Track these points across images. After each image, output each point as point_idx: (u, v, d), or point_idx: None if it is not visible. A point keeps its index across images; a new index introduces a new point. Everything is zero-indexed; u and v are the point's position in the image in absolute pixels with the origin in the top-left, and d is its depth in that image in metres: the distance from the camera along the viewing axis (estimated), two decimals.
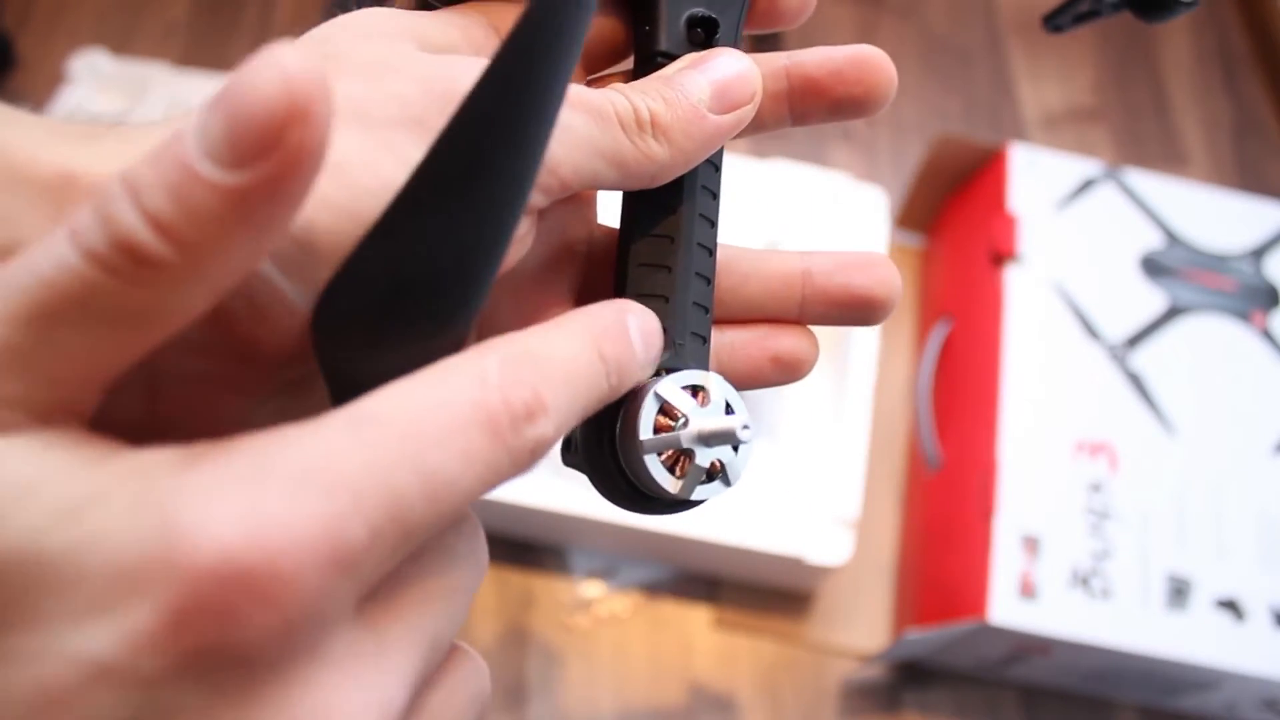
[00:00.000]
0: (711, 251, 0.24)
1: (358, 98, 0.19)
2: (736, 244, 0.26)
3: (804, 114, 0.25)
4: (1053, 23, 0.38)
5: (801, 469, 0.77)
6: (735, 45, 0.24)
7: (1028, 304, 0.73)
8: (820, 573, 0.70)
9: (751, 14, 0.25)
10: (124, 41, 0.93)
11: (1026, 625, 0.63)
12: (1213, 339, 0.73)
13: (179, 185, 0.14)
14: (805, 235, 0.77)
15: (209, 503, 0.14)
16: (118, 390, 0.17)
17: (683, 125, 0.22)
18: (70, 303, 0.15)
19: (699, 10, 0.24)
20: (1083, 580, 0.65)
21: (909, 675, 0.75)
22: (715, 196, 0.24)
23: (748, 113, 0.23)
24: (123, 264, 0.15)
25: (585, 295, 0.25)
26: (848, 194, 0.79)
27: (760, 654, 0.74)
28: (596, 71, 0.25)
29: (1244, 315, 0.74)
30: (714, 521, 0.67)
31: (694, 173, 0.23)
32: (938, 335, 0.80)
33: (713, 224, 0.24)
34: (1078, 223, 0.76)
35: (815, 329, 0.28)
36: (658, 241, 0.23)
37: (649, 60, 0.24)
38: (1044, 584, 0.64)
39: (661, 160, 0.22)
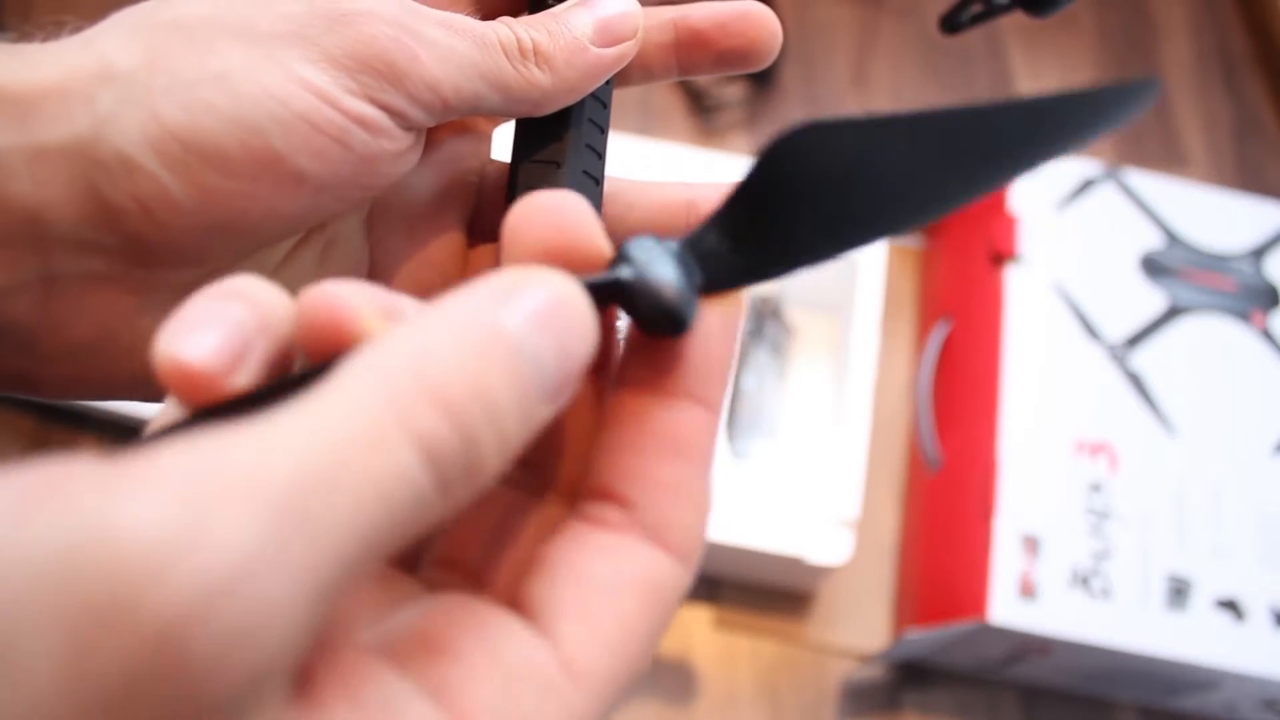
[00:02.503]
0: (598, 181, 0.25)
1: (247, 16, 0.21)
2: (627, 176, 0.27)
3: (691, 65, 0.26)
4: (949, 24, 0.38)
5: (801, 469, 0.77)
6: None
7: (1028, 304, 0.73)
8: (820, 573, 0.70)
9: None
10: None
11: (1026, 625, 0.63)
12: (1213, 339, 0.73)
13: (527, 421, 0.15)
14: None
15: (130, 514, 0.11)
16: (12, 292, 0.19)
17: (565, 55, 0.23)
18: (399, 526, 0.13)
19: None
20: (1083, 580, 0.65)
21: (909, 675, 0.75)
22: (603, 131, 0.26)
23: (629, 48, 0.24)
24: (461, 489, 0.14)
25: (477, 228, 0.27)
26: None
27: (760, 654, 0.74)
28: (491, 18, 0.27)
29: (1244, 315, 0.74)
30: (714, 521, 0.67)
31: (581, 105, 0.25)
32: (938, 335, 0.80)
33: (600, 156, 0.26)
34: (1078, 223, 0.76)
35: (814, 330, 0.28)
36: (544, 168, 0.25)
37: (540, 5, 0.25)
38: (1044, 584, 0.64)
39: (544, 86, 0.23)
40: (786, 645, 0.75)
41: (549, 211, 0.17)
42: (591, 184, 0.25)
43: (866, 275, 0.75)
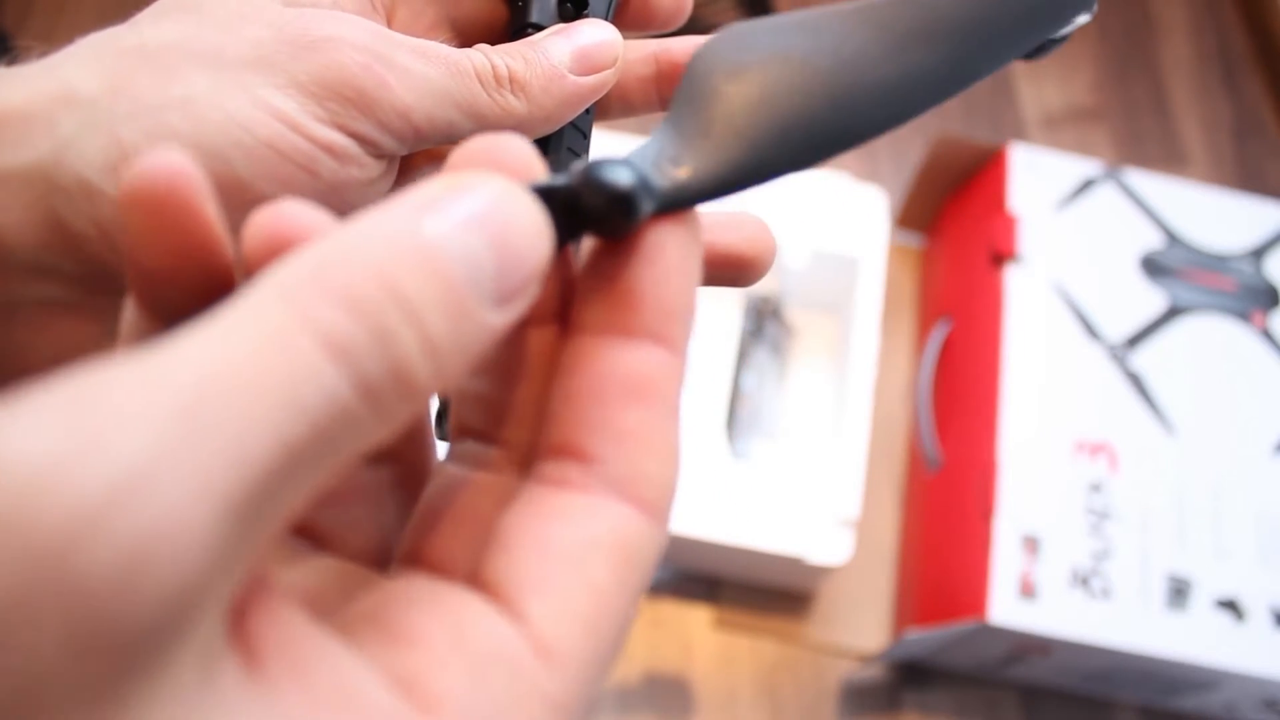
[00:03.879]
0: None
1: (213, 42, 0.20)
2: None
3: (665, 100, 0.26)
4: None
5: (801, 469, 0.77)
6: None
7: (1028, 304, 0.73)
8: (820, 573, 0.70)
9: (627, 14, 0.27)
10: None
11: (1026, 625, 0.63)
12: (1213, 339, 0.73)
13: (464, 320, 0.13)
14: (805, 235, 0.77)
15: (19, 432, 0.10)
16: None
17: (542, 83, 0.23)
18: (324, 441, 0.12)
19: None
20: (1083, 580, 0.65)
21: (909, 675, 0.75)
22: (581, 160, 0.26)
23: (608, 77, 0.24)
24: (390, 397, 0.13)
25: None
26: (848, 194, 0.79)
27: (760, 654, 0.74)
28: (480, 36, 0.27)
29: (1244, 315, 0.74)
30: (714, 521, 0.67)
31: (559, 135, 0.25)
32: (938, 335, 0.80)
33: None
34: (1078, 223, 0.76)
35: (814, 330, 0.28)
36: None
37: (520, 32, 0.25)
38: (1044, 584, 0.64)
39: (520, 114, 0.23)
40: (786, 645, 0.75)
41: (491, 150, 0.16)
42: None
43: (866, 275, 0.75)
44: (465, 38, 0.26)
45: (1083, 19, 0.19)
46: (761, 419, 0.79)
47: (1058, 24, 0.18)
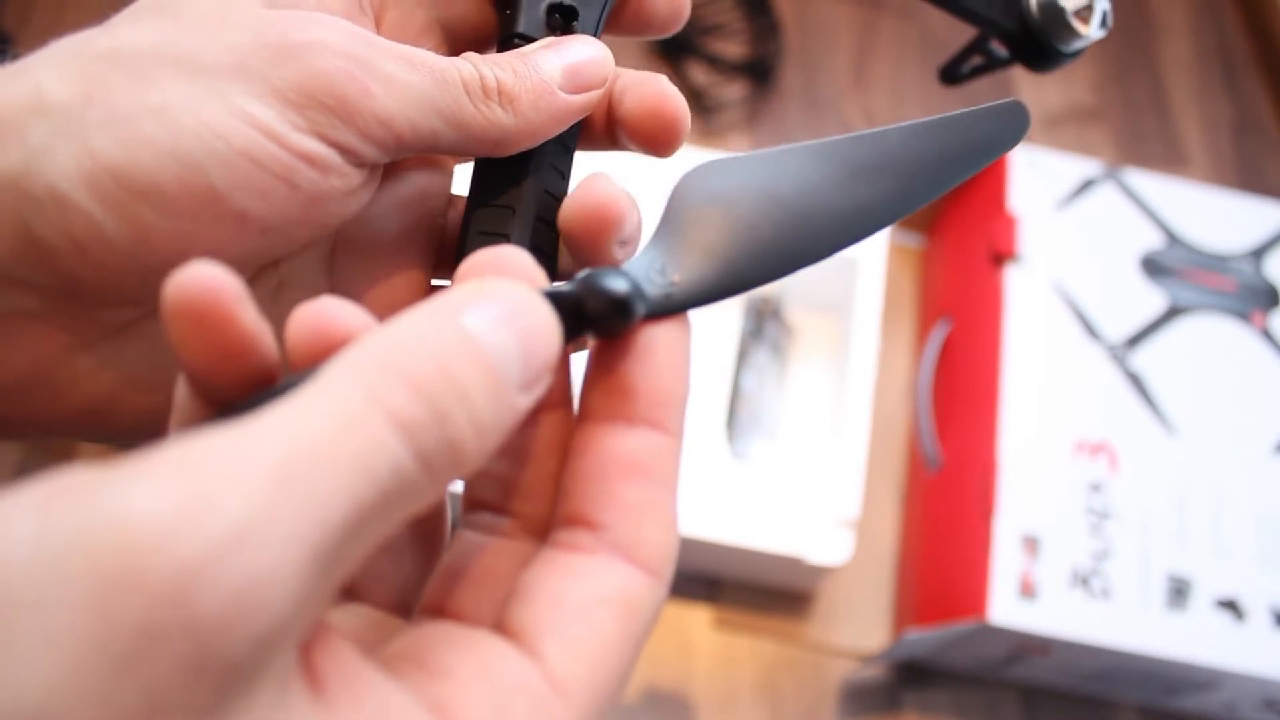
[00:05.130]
0: (554, 226, 0.25)
1: (190, 47, 0.20)
2: None
3: (614, 140, 0.26)
4: (948, 75, 0.37)
5: (802, 469, 0.77)
6: (596, 37, 0.25)
7: (1028, 304, 0.73)
8: (820, 573, 0.70)
9: (622, 18, 0.26)
10: None
11: (1026, 625, 0.63)
12: (1213, 339, 0.73)
13: (500, 403, 0.16)
14: None
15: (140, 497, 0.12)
16: None
17: (531, 97, 0.23)
18: (387, 504, 0.14)
19: None
20: (1083, 580, 0.65)
21: (909, 675, 0.75)
22: (564, 177, 0.25)
23: (596, 96, 0.24)
24: (443, 467, 0.15)
25: (441, 266, 0.26)
26: None
27: (760, 654, 0.74)
28: (470, 44, 0.26)
29: (1244, 315, 0.74)
30: (714, 521, 0.67)
31: (542, 149, 0.24)
32: (938, 335, 0.80)
33: (558, 200, 0.25)
34: (1078, 223, 0.76)
35: (814, 330, 0.28)
36: (499, 212, 0.24)
37: (508, 42, 0.25)
38: (1044, 584, 0.64)
39: (506, 126, 0.22)
40: (786, 645, 0.75)
41: (497, 262, 0.18)
42: (545, 229, 0.24)
43: (866, 275, 0.75)
44: (456, 41, 0.25)
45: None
46: (761, 419, 0.79)
47: (991, 156, 0.22)
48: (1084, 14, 0.31)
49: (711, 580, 0.75)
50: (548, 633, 0.17)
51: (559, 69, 0.23)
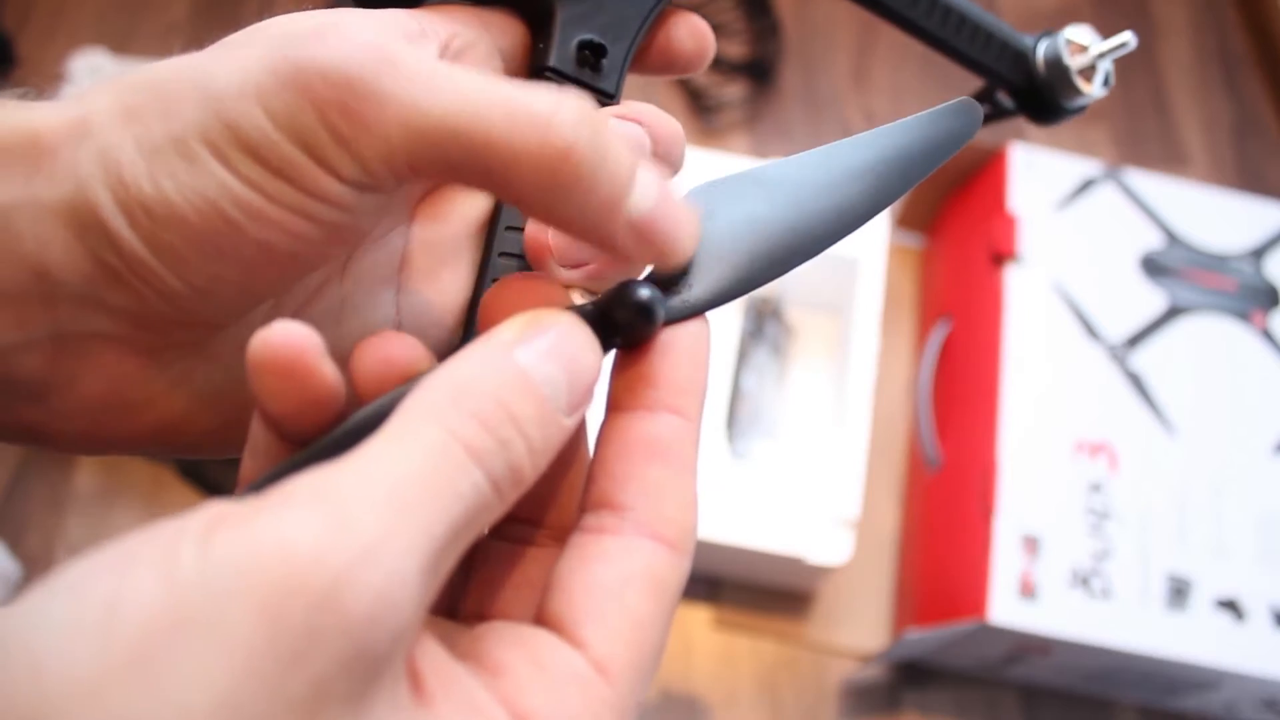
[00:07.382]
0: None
1: (205, 68, 0.20)
2: None
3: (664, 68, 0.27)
4: None
5: (801, 469, 0.77)
6: (622, 75, 0.26)
7: (1028, 304, 0.73)
8: (820, 573, 0.70)
9: (648, 56, 0.27)
10: (124, 41, 0.93)
11: (1026, 625, 0.63)
12: (1213, 339, 0.73)
13: (550, 428, 0.18)
14: None
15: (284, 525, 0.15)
16: (24, 348, 0.20)
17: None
18: (471, 521, 0.17)
19: (591, 35, 0.25)
20: (1083, 580, 0.65)
21: (909, 675, 0.75)
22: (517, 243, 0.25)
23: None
24: (508, 487, 0.17)
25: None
26: None
27: (760, 654, 0.74)
28: (516, 74, 0.26)
29: (1244, 315, 0.74)
30: (714, 521, 0.67)
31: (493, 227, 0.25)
32: (938, 335, 0.80)
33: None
34: (1078, 223, 0.76)
35: (814, 330, 0.28)
36: (520, 235, 0.25)
37: (539, 73, 0.25)
38: (1044, 584, 0.65)
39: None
40: (786, 645, 0.75)
41: (518, 294, 0.20)
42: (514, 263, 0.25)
43: (866, 275, 0.75)
44: (510, 70, 0.25)
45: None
46: (761, 419, 0.79)
47: (953, 149, 0.25)
48: (1088, 73, 0.33)
49: (712, 580, 0.75)
50: (585, 619, 0.18)
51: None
